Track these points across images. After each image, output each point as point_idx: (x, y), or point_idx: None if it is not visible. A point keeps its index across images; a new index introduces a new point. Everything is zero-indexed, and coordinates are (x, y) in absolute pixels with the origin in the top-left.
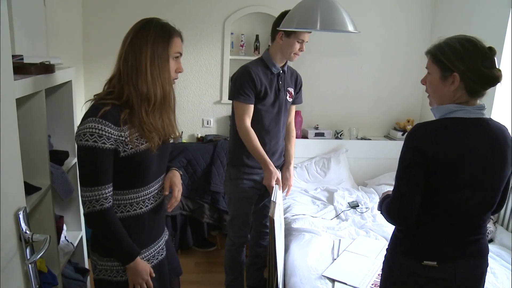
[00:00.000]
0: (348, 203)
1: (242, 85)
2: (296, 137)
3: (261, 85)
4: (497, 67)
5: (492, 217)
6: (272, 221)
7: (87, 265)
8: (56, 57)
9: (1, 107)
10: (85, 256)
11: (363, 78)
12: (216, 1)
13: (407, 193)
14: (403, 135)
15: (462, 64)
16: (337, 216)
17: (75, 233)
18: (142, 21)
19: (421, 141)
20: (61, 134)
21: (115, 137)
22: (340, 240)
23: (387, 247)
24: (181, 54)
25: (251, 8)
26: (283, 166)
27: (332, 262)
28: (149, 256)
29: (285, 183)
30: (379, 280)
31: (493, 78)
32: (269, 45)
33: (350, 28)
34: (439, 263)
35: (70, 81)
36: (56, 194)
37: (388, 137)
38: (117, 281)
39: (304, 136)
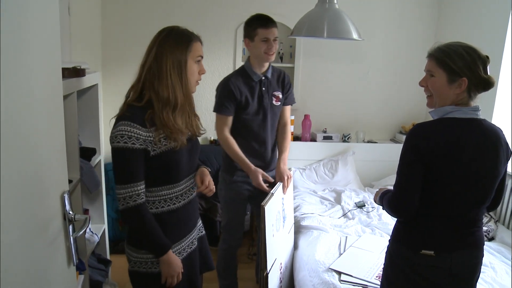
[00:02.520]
0: (355, 203)
1: (221, 97)
2: (305, 140)
3: (241, 95)
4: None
5: (493, 216)
6: (263, 209)
7: (108, 257)
8: (84, 62)
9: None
10: (107, 248)
11: (369, 84)
12: (229, 9)
13: (408, 188)
14: None
15: (469, 70)
16: (344, 215)
17: (98, 226)
18: (162, 30)
19: (419, 139)
20: (88, 133)
21: (143, 137)
22: (346, 237)
23: (389, 238)
24: (202, 57)
25: None
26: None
27: (339, 256)
28: (180, 249)
29: (282, 175)
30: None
31: (491, 83)
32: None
33: (355, 36)
34: (436, 253)
35: (96, 84)
36: (84, 187)
37: (394, 140)
38: (151, 273)
39: (313, 139)
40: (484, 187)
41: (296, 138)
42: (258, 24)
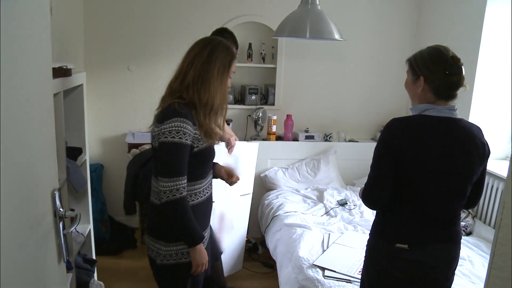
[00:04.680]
0: (337, 201)
1: None
2: (288, 140)
3: None
4: (461, 73)
5: (471, 211)
6: None
7: (94, 256)
8: (70, 63)
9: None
10: (92, 248)
11: (351, 83)
12: (210, 11)
13: (378, 179)
14: None
15: (426, 69)
16: (327, 213)
17: (84, 226)
18: (212, 39)
19: (390, 134)
20: (73, 133)
21: (192, 134)
22: (329, 234)
23: (369, 231)
24: (234, 73)
25: (244, 17)
26: None
27: (323, 253)
28: (204, 240)
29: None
30: None
31: (453, 83)
32: None
33: (337, 36)
34: (410, 246)
35: (82, 85)
36: (70, 186)
37: (374, 139)
38: (182, 263)
39: (295, 138)
40: (457, 185)
41: (278, 138)
42: (231, 41)
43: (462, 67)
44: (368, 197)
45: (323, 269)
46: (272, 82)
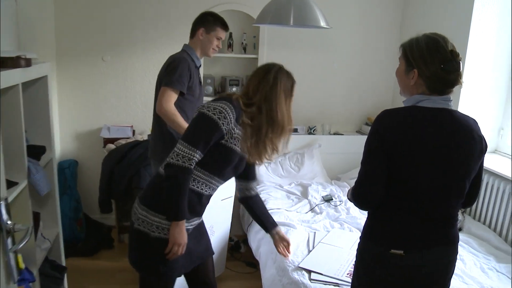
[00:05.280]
0: (322, 197)
1: (181, 73)
2: None
3: (191, 76)
4: (459, 70)
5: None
6: None
7: (64, 263)
8: (32, 52)
9: None
10: (61, 253)
11: (335, 75)
12: (188, 1)
13: (370, 175)
14: None
15: (423, 63)
16: (312, 209)
17: (51, 231)
18: (272, 65)
19: (382, 126)
20: (37, 129)
21: (230, 126)
22: (315, 232)
23: (360, 235)
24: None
25: (225, 5)
26: None
27: (308, 254)
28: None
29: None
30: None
31: (449, 81)
32: (185, 44)
33: (323, 24)
34: (405, 252)
35: (45, 76)
36: (33, 189)
37: (360, 132)
38: (154, 237)
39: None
40: (455, 182)
41: None
42: (219, 24)
43: (461, 62)
44: (359, 195)
45: (309, 271)
46: None
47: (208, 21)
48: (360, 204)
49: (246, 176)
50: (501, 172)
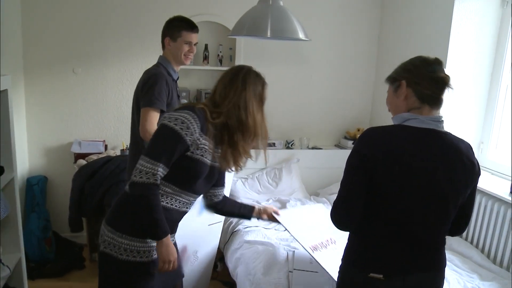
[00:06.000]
0: None
1: (159, 91)
2: None
3: (170, 91)
4: (444, 73)
5: None
6: None
7: None
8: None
9: None
10: (24, 279)
11: (313, 88)
12: (161, 10)
13: (348, 196)
14: (353, 143)
15: (406, 71)
16: None
17: (12, 256)
18: (241, 67)
19: (364, 144)
20: None
21: (195, 137)
22: (294, 251)
23: (342, 257)
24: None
25: (200, 17)
26: None
27: (288, 208)
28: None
29: None
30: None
31: (440, 79)
32: (160, 56)
33: (301, 35)
34: (385, 277)
35: (5, 90)
36: None
37: (338, 146)
38: (122, 260)
39: (255, 146)
40: (438, 207)
41: None
42: (183, 27)
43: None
44: (337, 220)
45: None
46: None
47: (171, 28)
48: (337, 224)
49: (215, 183)
50: (482, 187)
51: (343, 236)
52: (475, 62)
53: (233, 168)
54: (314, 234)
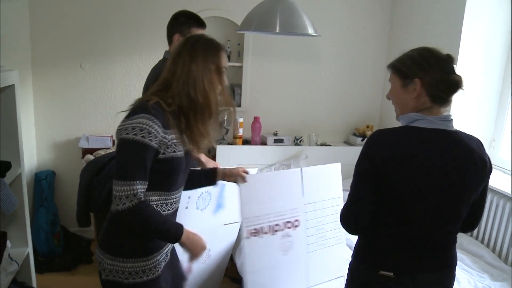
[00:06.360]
0: None
1: None
2: (255, 144)
3: None
4: (457, 74)
5: None
6: None
7: (35, 284)
8: (8, 60)
9: None
10: (32, 274)
11: (322, 84)
12: (170, 5)
13: (358, 200)
14: (362, 140)
15: (421, 70)
16: None
17: (21, 250)
18: (190, 38)
19: (372, 147)
20: (3, 143)
21: (160, 137)
22: None
23: (351, 254)
24: (226, 69)
25: (208, 12)
26: None
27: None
28: (159, 260)
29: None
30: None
31: (454, 82)
32: (166, 51)
33: (311, 31)
34: (396, 274)
35: (12, 85)
36: None
37: (347, 142)
38: (129, 283)
39: (263, 142)
40: (450, 207)
41: (245, 142)
42: (193, 23)
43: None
44: (347, 224)
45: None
46: (238, 82)
47: (180, 24)
48: (347, 228)
49: None
50: (494, 185)
51: (313, 219)
52: (487, 59)
53: (198, 151)
54: (276, 211)
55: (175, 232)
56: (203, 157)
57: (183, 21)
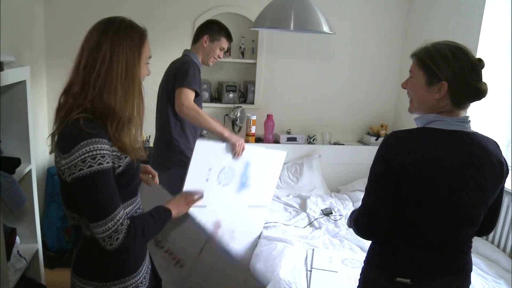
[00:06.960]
0: (321, 210)
1: (194, 75)
2: (268, 142)
3: (199, 80)
4: (483, 80)
5: None
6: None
7: (43, 281)
8: (8, 54)
9: None
10: (41, 270)
11: (336, 82)
12: (186, 2)
13: (374, 205)
14: (376, 140)
15: (451, 73)
16: (310, 224)
17: (30, 246)
18: (105, 23)
19: (389, 150)
20: (13, 139)
21: (110, 153)
22: (313, 249)
23: (364, 259)
24: (150, 57)
25: (222, 8)
26: None
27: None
28: (144, 273)
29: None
30: None
31: (481, 91)
32: (186, 49)
33: (325, 29)
34: (413, 281)
35: (24, 81)
36: (5, 205)
37: (361, 142)
38: None
39: (276, 140)
40: (468, 210)
41: (258, 140)
42: (225, 34)
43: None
44: (363, 229)
45: None
46: (252, 79)
47: (213, 29)
48: (362, 235)
49: None
50: (509, 188)
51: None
52: (505, 60)
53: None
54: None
55: (168, 218)
56: (226, 133)
57: (216, 28)
